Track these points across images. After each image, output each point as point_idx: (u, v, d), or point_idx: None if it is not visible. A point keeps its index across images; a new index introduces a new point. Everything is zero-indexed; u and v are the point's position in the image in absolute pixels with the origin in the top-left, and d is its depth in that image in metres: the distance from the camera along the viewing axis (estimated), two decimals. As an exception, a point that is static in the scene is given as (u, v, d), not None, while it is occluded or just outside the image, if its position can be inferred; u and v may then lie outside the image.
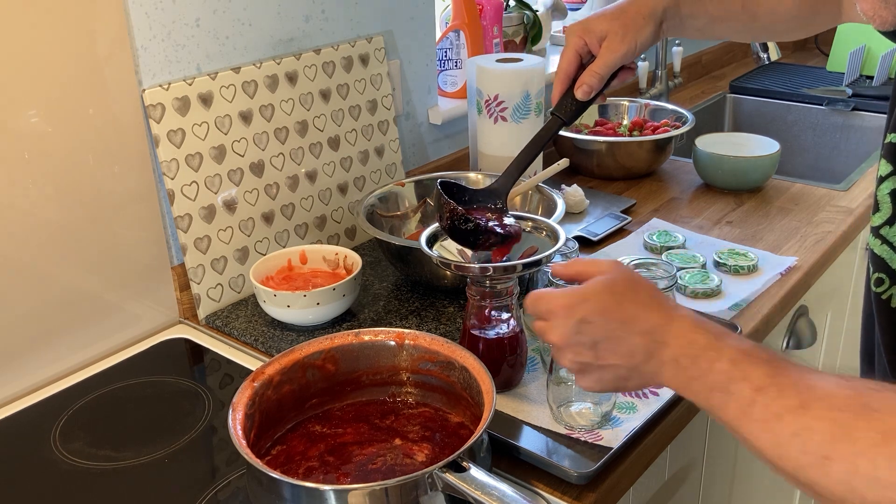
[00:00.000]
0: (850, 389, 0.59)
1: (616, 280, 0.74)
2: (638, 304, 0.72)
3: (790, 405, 0.61)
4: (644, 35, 0.98)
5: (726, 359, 0.66)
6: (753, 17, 1.04)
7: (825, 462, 0.57)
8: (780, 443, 0.61)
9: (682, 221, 1.46)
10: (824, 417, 0.59)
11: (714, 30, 1.07)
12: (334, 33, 1.35)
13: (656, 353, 0.70)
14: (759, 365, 0.64)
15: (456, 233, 0.94)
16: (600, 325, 0.72)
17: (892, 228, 0.79)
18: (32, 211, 1.02)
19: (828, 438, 0.58)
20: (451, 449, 0.83)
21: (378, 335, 0.94)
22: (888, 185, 0.79)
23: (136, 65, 1.10)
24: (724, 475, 1.31)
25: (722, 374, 0.65)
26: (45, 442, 0.97)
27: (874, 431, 0.56)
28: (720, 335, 0.68)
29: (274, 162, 1.26)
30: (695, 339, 0.68)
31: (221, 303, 1.22)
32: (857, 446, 0.56)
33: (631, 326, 0.71)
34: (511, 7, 1.86)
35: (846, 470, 0.56)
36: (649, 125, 1.75)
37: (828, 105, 2.16)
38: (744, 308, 1.18)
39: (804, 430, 0.59)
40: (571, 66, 1.00)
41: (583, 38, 1.00)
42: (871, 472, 0.55)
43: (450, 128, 1.63)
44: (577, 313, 0.73)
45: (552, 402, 0.93)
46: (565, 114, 1.01)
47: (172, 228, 1.18)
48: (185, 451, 0.95)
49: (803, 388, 0.61)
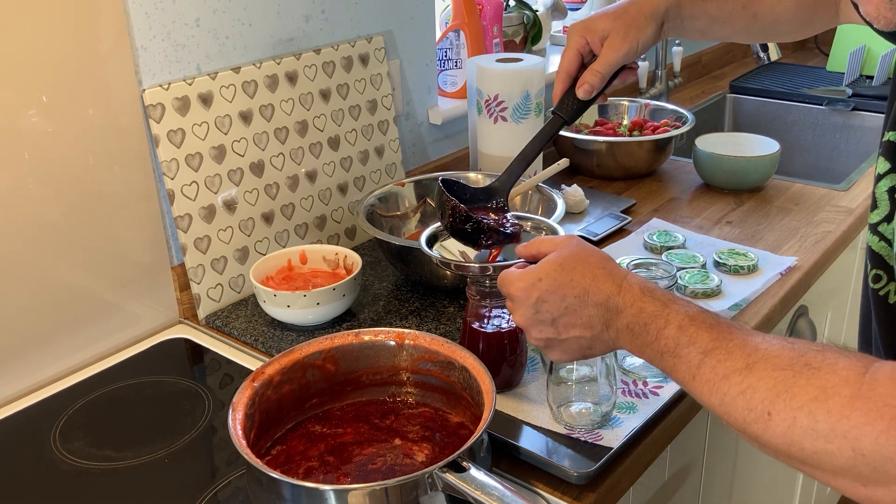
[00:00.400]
0: (793, 350, 0.62)
1: (567, 256, 0.78)
2: (588, 277, 0.76)
3: (736, 366, 0.64)
4: (646, 35, 0.99)
5: (674, 325, 0.70)
6: (754, 18, 1.05)
7: (768, 418, 0.61)
8: (727, 401, 0.64)
9: (682, 221, 1.46)
10: (767, 377, 0.62)
11: (715, 30, 1.07)
12: (334, 33, 1.35)
13: (612, 321, 0.75)
14: (705, 329, 0.68)
15: (457, 231, 0.94)
16: (556, 303, 0.77)
17: (890, 225, 0.80)
18: (32, 211, 1.02)
19: (770, 396, 0.61)
20: (451, 449, 0.83)
21: (378, 335, 0.94)
22: (886, 183, 0.80)
23: (136, 65, 1.10)
24: (724, 475, 1.31)
25: (670, 339, 0.70)
26: (45, 442, 0.97)
27: (813, 387, 0.59)
28: (667, 301, 0.72)
29: (274, 162, 1.26)
30: (643, 307, 0.73)
31: (221, 303, 1.22)
32: (796, 401, 0.59)
33: (585, 299, 0.76)
34: (511, 7, 1.86)
35: (787, 424, 0.59)
36: (649, 125, 1.75)
37: (828, 105, 2.16)
38: (744, 308, 1.18)
39: (749, 388, 0.62)
40: (573, 65, 1.01)
41: (584, 36, 1.00)
42: (810, 425, 0.58)
43: (450, 128, 1.63)
44: (533, 294, 0.78)
45: (552, 402, 0.93)
46: (566, 113, 1.01)
47: (172, 228, 1.18)
48: (185, 451, 0.95)
49: (749, 350, 0.64)
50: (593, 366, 0.90)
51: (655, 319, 0.71)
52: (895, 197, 0.79)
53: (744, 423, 0.63)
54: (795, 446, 0.59)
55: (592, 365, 0.90)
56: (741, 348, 0.65)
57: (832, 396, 0.58)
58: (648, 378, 1.01)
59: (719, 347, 0.66)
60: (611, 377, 0.91)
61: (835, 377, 0.59)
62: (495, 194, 1.00)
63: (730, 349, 0.65)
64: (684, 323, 0.69)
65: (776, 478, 1.57)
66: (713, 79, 2.43)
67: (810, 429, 0.58)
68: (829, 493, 1.91)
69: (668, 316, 0.71)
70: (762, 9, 1.04)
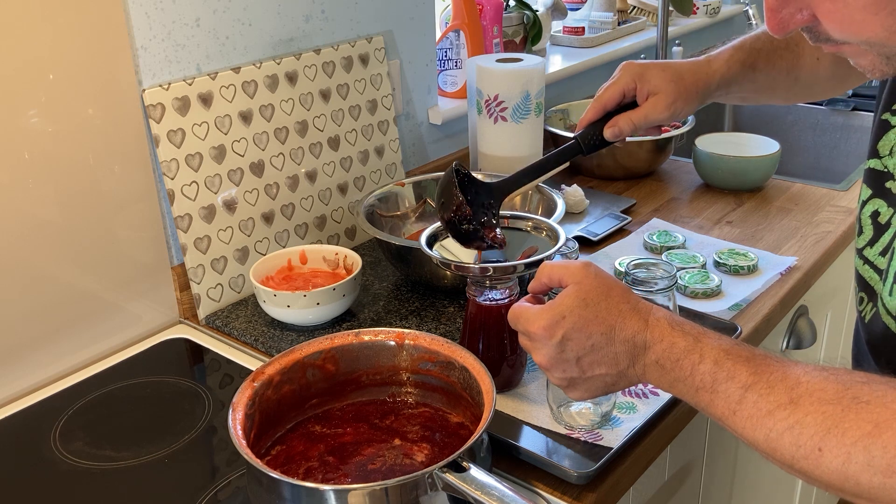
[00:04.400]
0: (838, 383, 0.61)
1: (588, 290, 0.75)
2: (613, 313, 0.74)
3: (780, 401, 0.63)
4: (690, 108, 1.02)
5: (710, 360, 0.68)
6: (796, 81, 1.07)
7: (819, 454, 0.60)
8: (773, 437, 0.63)
9: (682, 221, 1.46)
10: (815, 411, 0.61)
11: (757, 97, 1.10)
12: (334, 33, 1.35)
13: (639, 357, 0.73)
14: (742, 363, 0.67)
15: (452, 225, 0.95)
16: (581, 342, 0.74)
17: (873, 249, 0.82)
18: (32, 211, 1.02)
19: (820, 431, 0.60)
20: (451, 449, 0.83)
21: (378, 335, 0.94)
22: (869, 208, 0.82)
23: (136, 65, 1.10)
24: (724, 475, 1.31)
25: (707, 375, 0.68)
26: (45, 442, 0.97)
27: (865, 422, 0.58)
28: (699, 336, 0.70)
29: (274, 162, 1.26)
30: (674, 342, 0.71)
31: (221, 303, 1.22)
32: (848, 437, 0.58)
33: (611, 336, 0.73)
34: (511, 7, 1.86)
35: (841, 461, 0.59)
36: (649, 125, 1.75)
37: (828, 105, 2.16)
38: (744, 308, 1.18)
39: (796, 424, 0.61)
40: (612, 101, 1.02)
41: (636, 82, 1.01)
42: (866, 461, 0.57)
43: (450, 128, 1.63)
44: (557, 332, 0.74)
45: (552, 402, 0.93)
46: (587, 145, 1.02)
47: (172, 228, 1.18)
48: (185, 451, 0.95)
49: (791, 384, 0.63)
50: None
51: (689, 355, 0.69)
52: (878, 221, 0.81)
53: (792, 460, 0.62)
54: (851, 482, 0.59)
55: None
56: (782, 381, 0.64)
57: (885, 431, 0.57)
58: (648, 378, 1.01)
59: (759, 382, 0.65)
60: (611, 377, 0.91)
61: (886, 411, 0.58)
62: (493, 194, 1.00)
63: (771, 382, 0.64)
64: (720, 357, 0.68)
65: (776, 478, 1.57)
66: (713, 79, 2.42)
67: (867, 464, 0.57)
68: (829, 493, 1.91)
69: (703, 351, 0.69)
70: (803, 72, 1.06)
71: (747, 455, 1.37)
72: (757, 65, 1.04)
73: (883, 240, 0.79)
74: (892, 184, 0.79)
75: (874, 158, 0.82)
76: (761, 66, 1.04)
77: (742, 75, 1.04)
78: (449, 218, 0.94)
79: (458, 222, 0.93)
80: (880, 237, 0.81)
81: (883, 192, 0.81)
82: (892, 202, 0.79)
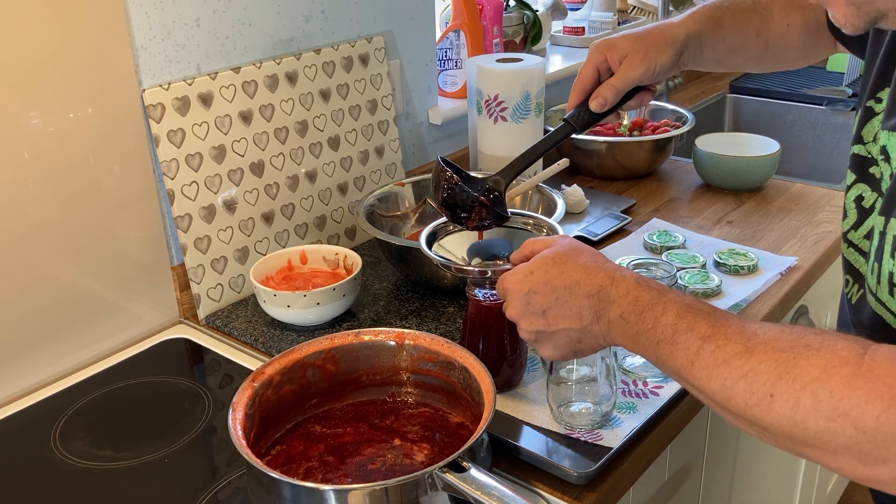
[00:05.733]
0: (792, 333, 0.64)
1: (558, 252, 0.80)
2: (580, 270, 0.78)
3: (736, 350, 0.65)
4: (664, 59, 1.01)
5: (672, 313, 0.70)
6: (766, 45, 1.08)
7: (770, 400, 0.61)
8: (728, 386, 0.64)
9: (682, 221, 1.46)
10: (768, 359, 0.62)
11: (731, 59, 1.10)
12: (334, 33, 1.35)
13: (603, 312, 0.76)
14: (702, 317, 0.69)
15: (449, 205, 0.95)
16: (546, 295, 0.78)
17: (857, 232, 0.83)
18: (32, 210, 1.02)
19: (772, 378, 0.62)
20: (451, 449, 0.83)
21: (378, 335, 0.94)
22: (853, 193, 0.84)
23: (136, 65, 1.10)
24: (724, 475, 1.32)
25: (668, 327, 0.70)
26: (45, 442, 0.97)
27: (815, 367, 0.60)
28: (663, 291, 0.73)
29: (274, 162, 1.26)
30: (639, 296, 0.73)
31: (221, 303, 1.22)
32: (798, 382, 0.60)
33: (575, 290, 0.77)
34: (511, 7, 1.86)
35: (790, 405, 0.60)
36: (649, 125, 1.75)
37: (828, 105, 2.16)
38: (744, 308, 1.18)
39: (750, 371, 0.63)
40: (588, 80, 1.03)
41: (604, 53, 1.02)
42: (813, 405, 0.59)
43: (450, 128, 1.63)
44: (525, 286, 0.80)
45: (552, 402, 0.93)
46: (577, 122, 1.02)
47: (172, 228, 1.18)
48: (185, 451, 0.95)
49: (748, 336, 0.65)
50: (593, 366, 0.90)
51: (652, 308, 0.72)
52: (862, 205, 0.82)
53: (745, 407, 0.63)
54: (798, 427, 0.60)
55: (592, 365, 0.90)
56: (739, 334, 0.66)
57: (833, 376, 0.59)
58: (648, 378, 1.01)
59: (717, 333, 0.67)
60: (611, 377, 0.91)
61: (835, 357, 0.60)
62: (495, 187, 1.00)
63: (728, 335, 0.66)
64: (682, 311, 0.70)
65: (776, 478, 1.57)
66: (713, 79, 2.43)
67: (813, 408, 0.59)
68: (828, 493, 1.91)
69: (666, 304, 0.71)
70: (773, 35, 1.07)
71: (747, 455, 1.37)
72: (724, 21, 1.05)
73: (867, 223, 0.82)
74: (876, 169, 0.81)
75: (858, 144, 0.84)
76: (728, 24, 1.06)
77: (709, 31, 1.05)
78: (443, 197, 0.94)
79: (453, 199, 0.94)
80: (864, 221, 0.82)
81: (866, 177, 0.82)
82: (875, 187, 0.81)
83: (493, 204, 0.95)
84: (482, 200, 0.94)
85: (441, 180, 0.94)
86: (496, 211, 0.95)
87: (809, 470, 1.68)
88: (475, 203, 0.94)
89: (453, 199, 0.94)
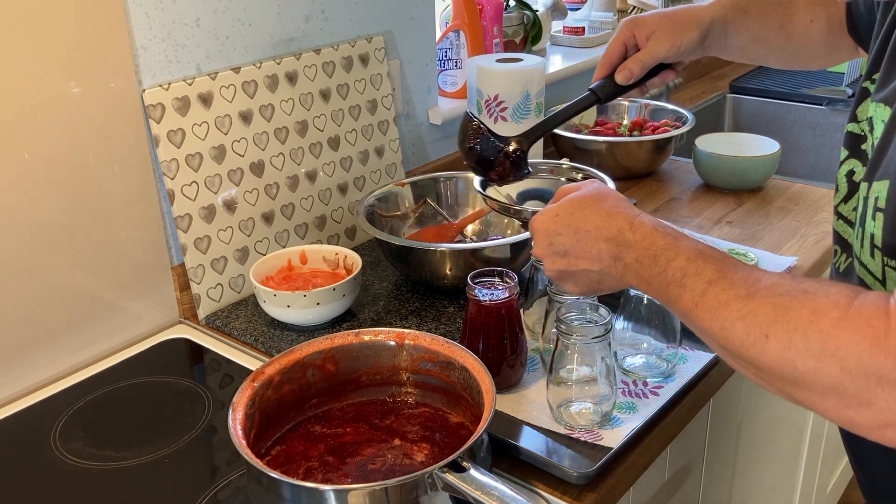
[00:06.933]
0: (793, 280, 0.66)
1: (584, 195, 0.84)
2: (602, 214, 0.81)
3: (738, 294, 0.67)
4: (690, 37, 1.05)
5: (683, 257, 0.73)
6: (789, 38, 1.10)
7: (765, 340, 0.63)
8: (727, 326, 0.67)
9: (682, 221, 1.46)
10: (767, 302, 0.65)
11: (754, 49, 1.12)
12: (334, 33, 1.35)
13: (621, 255, 0.79)
14: (711, 262, 0.71)
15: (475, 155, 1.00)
16: (569, 236, 0.82)
17: (847, 205, 0.87)
18: (32, 211, 1.02)
19: (769, 319, 0.64)
20: (451, 449, 0.83)
21: (378, 335, 0.94)
22: (845, 168, 0.87)
23: (136, 65, 1.10)
24: (724, 475, 1.32)
25: (678, 270, 0.73)
26: (45, 442, 0.97)
27: (808, 309, 0.62)
28: (678, 237, 0.76)
29: (274, 162, 1.26)
30: (654, 241, 0.76)
31: (221, 303, 1.22)
32: (791, 323, 0.62)
33: (596, 233, 0.80)
34: (511, 7, 1.86)
35: (783, 345, 0.62)
36: (649, 125, 1.75)
37: (828, 105, 2.16)
38: (744, 308, 1.18)
39: (749, 314, 0.65)
40: (615, 54, 1.06)
41: (632, 30, 1.05)
42: (804, 345, 0.61)
43: (450, 128, 1.63)
44: (550, 227, 0.84)
45: (552, 402, 0.93)
46: (602, 92, 1.05)
47: (172, 228, 1.18)
48: (185, 451, 0.95)
49: (752, 281, 0.68)
50: (593, 366, 0.90)
51: (665, 252, 0.74)
52: (853, 179, 0.86)
53: (741, 347, 0.65)
54: (789, 366, 0.62)
55: (592, 365, 0.90)
56: (744, 280, 0.68)
57: (823, 318, 0.61)
58: (648, 378, 1.01)
59: (723, 278, 0.69)
60: (611, 377, 0.91)
61: (827, 300, 0.62)
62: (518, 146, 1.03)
63: (734, 280, 0.68)
64: (693, 255, 0.72)
65: (776, 478, 1.57)
66: (713, 79, 2.43)
67: (804, 348, 0.61)
68: (828, 494, 1.91)
69: (678, 249, 0.74)
70: (797, 30, 1.09)
71: (747, 455, 1.37)
72: (749, 9, 1.08)
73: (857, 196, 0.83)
74: (867, 145, 0.83)
75: (853, 122, 0.87)
76: (753, 13, 1.08)
77: (734, 17, 1.07)
78: (469, 146, 0.99)
79: (479, 148, 0.98)
80: (854, 194, 0.84)
81: (858, 153, 0.85)
82: (865, 162, 0.83)
83: (517, 158, 1.00)
84: (507, 151, 1.00)
85: (468, 129, 1.00)
86: (518, 164, 1.00)
87: (809, 470, 1.68)
88: (499, 154, 1.00)
89: (479, 148, 0.98)
